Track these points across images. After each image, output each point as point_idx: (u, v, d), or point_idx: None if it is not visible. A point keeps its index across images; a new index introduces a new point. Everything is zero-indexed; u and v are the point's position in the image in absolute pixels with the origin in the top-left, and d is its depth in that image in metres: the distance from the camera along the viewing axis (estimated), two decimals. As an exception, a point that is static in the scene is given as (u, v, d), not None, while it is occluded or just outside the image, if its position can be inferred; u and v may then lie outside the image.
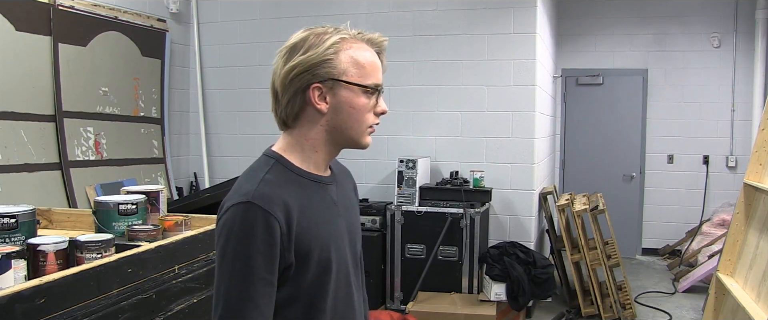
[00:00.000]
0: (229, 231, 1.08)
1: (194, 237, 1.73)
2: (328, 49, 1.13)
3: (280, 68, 1.15)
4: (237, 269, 1.06)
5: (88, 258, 1.52)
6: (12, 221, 1.57)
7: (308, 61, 1.13)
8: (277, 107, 1.19)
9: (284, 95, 1.16)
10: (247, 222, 1.07)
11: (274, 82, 1.17)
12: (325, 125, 1.18)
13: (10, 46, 3.70)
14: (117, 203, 1.79)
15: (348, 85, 1.15)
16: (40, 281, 1.23)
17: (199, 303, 1.72)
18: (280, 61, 1.15)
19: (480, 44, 4.69)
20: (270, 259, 1.08)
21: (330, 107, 1.16)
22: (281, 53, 1.16)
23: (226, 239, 1.08)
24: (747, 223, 3.60)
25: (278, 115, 1.19)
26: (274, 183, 1.13)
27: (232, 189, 1.15)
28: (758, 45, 5.95)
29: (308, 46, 1.14)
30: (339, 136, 1.20)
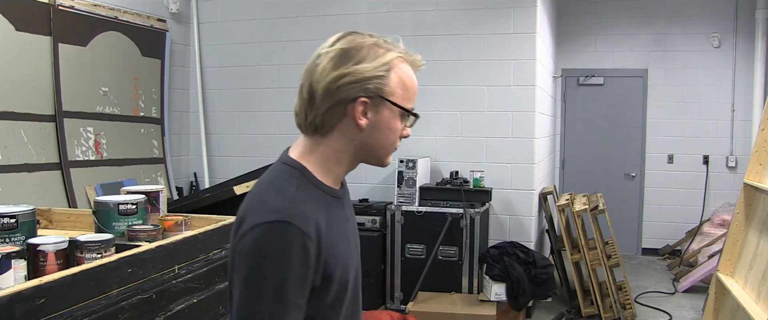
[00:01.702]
0: (261, 252, 0.98)
1: (194, 237, 1.73)
2: (383, 65, 1.08)
3: (326, 72, 1.06)
4: (268, 293, 0.98)
5: (88, 258, 1.52)
6: (12, 221, 1.57)
7: (361, 73, 1.06)
8: (308, 110, 1.09)
9: (325, 101, 1.07)
10: (282, 243, 0.98)
11: (314, 84, 1.07)
12: (357, 140, 1.11)
13: (10, 46, 3.70)
14: (117, 203, 1.79)
15: (393, 105, 1.10)
16: (40, 281, 1.23)
17: (199, 303, 1.72)
18: (327, 63, 1.06)
19: (480, 44, 4.69)
20: (303, 283, 1.00)
21: (369, 124, 1.09)
22: (329, 56, 1.07)
23: (256, 260, 0.98)
24: (747, 223, 3.60)
25: (309, 120, 1.10)
26: (303, 199, 1.05)
27: (252, 201, 1.06)
28: (758, 45, 5.95)
29: (362, 56, 1.07)
30: (366, 153, 1.14)
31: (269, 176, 1.11)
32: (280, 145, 4.82)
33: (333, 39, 1.11)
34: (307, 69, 1.10)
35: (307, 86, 1.08)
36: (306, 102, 1.09)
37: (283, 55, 5.19)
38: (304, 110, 1.10)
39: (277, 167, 1.13)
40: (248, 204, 1.05)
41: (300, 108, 1.10)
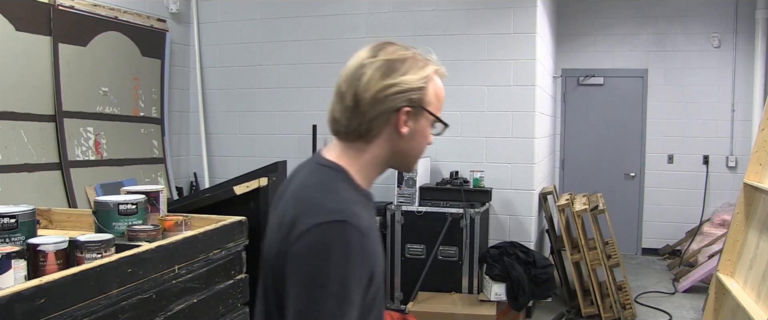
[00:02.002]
0: (323, 252, 0.99)
1: (194, 237, 1.73)
2: (424, 77, 1.14)
3: (374, 81, 1.10)
4: (331, 293, 0.99)
5: (88, 258, 1.52)
6: (12, 221, 1.57)
7: (407, 84, 1.11)
8: (352, 117, 1.12)
9: (373, 109, 1.10)
10: (343, 242, 1.00)
11: (360, 92, 1.11)
12: (394, 147, 1.16)
13: (10, 46, 3.70)
14: (117, 203, 1.79)
15: (429, 115, 1.16)
16: (40, 281, 1.23)
17: (199, 303, 1.72)
18: (374, 73, 1.11)
19: (480, 44, 4.69)
20: (361, 282, 1.02)
21: (409, 132, 1.14)
22: (374, 66, 1.12)
23: (317, 260, 0.99)
24: (747, 223, 3.60)
25: (353, 126, 1.12)
26: (353, 201, 1.08)
27: (303, 204, 1.07)
28: (758, 45, 5.95)
29: (408, 67, 1.13)
30: (399, 160, 1.19)
31: (314, 179, 1.13)
32: (280, 145, 4.86)
33: (372, 49, 1.16)
34: (347, 77, 1.13)
35: (352, 94, 1.11)
36: (350, 109, 1.12)
37: (283, 55, 5.19)
38: (348, 117, 1.12)
39: (318, 170, 1.15)
40: (299, 207, 1.06)
41: (342, 115, 1.13)
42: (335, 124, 1.15)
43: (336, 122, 1.15)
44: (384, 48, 1.15)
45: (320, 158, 1.18)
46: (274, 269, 1.07)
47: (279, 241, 1.06)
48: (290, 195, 1.12)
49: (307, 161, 1.23)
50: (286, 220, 1.06)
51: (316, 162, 1.18)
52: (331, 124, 1.17)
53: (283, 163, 2.21)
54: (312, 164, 1.19)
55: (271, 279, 1.10)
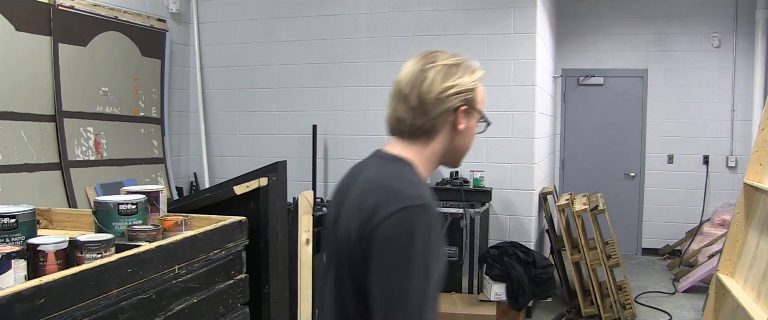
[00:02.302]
0: (406, 234, 1.10)
1: (194, 237, 1.73)
2: (476, 80, 1.28)
3: (437, 83, 1.22)
4: (418, 269, 1.09)
5: (88, 258, 1.52)
6: (12, 221, 1.57)
7: (464, 86, 1.24)
8: (417, 116, 1.24)
9: (436, 108, 1.23)
10: (425, 224, 1.12)
11: (424, 93, 1.23)
12: (450, 143, 1.29)
13: (10, 46, 3.70)
14: (117, 203, 1.79)
15: (478, 114, 1.30)
16: (40, 281, 1.23)
17: (199, 303, 1.72)
18: (436, 76, 1.23)
19: (480, 44, 4.69)
20: (439, 260, 1.15)
21: (463, 129, 1.27)
22: (435, 70, 1.23)
23: (407, 239, 1.10)
24: (747, 223, 3.60)
25: (418, 124, 1.25)
26: (426, 189, 1.20)
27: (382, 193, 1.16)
28: (758, 45, 5.95)
29: (464, 71, 1.26)
30: (451, 155, 1.33)
31: (388, 171, 1.24)
32: (280, 145, 4.86)
33: (427, 56, 1.27)
34: (409, 81, 1.25)
35: (416, 95, 1.23)
36: (415, 109, 1.24)
37: (283, 55, 5.19)
38: (414, 116, 1.25)
39: (389, 163, 1.27)
40: (380, 195, 1.16)
41: (407, 114, 1.25)
42: (400, 123, 1.27)
43: (400, 122, 1.27)
44: (438, 55, 1.27)
45: (386, 154, 1.30)
46: (353, 253, 1.16)
47: (359, 227, 1.15)
48: (365, 186, 1.22)
49: (371, 157, 1.33)
50: (366, 207, 1.15)
51: (382, 157, 1.30)
52: (394, 124, 1.29)
53: (283, 163, 2.21)
54: (379, 159, 1.30)
55: (347, 263, 1.19)
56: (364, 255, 1.14)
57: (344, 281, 1.21)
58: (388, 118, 1.31)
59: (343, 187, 1.33)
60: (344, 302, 1.22)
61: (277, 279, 2.16)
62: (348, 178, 1.34)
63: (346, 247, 1.19)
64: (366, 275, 1.14)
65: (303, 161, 5.01)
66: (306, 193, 2.51)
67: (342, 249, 1.21)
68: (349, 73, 5.01)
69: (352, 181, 1.30)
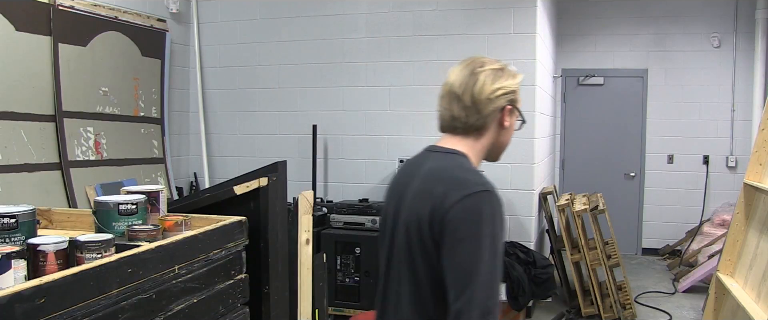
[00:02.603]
0: (483, 215, 1.26)
1: (194, 237, 1.73)
2: (517, 83, 1.43)
3: (487, 85, 1.38)
4: (487, 248, 1.25)
5: (88, 258, 1.52)
6: (12, 221, 1.57)
7: (510, 88, 1.40)
8: (470, 114, 1.39)
9: (487, 107, 1.39)
10: (492, 207, 1.28)
11: (476, 94, 1.38)
12: (495, 139, 1.44)
13: (10, 46, 3.70)
14: (117, 203, 1.79)
15: (518, 113, 1.46)
16: (40, 281, 1.23)
17: (199, 303, 1.72)
18: (486, 79, 1.38)
19: (480, 44, 4.69)
20: (503, 239, 1.30)
21: (508, 126, 1.43)
22: (485, 73, 1.39)
23: (480, 221, 1.26)
24: (747, 223, 3.60)
25: (471, 122, 1.40)
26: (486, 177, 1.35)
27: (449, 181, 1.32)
28: (758, 45, 5.95)
29: (509, 75, 1.42)
30: (495, 149, 1.47)
31: (449, 163, 1.39)
32: (280, 145, 4.85)
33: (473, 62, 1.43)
34: (461, 83, 1.40)
35: (469, 96, 1.39)
36: (468, 108, 1.39)
37: (283, 55, 5.19)
38: (467, 114, 1.39)
39: (448, 156, 1.41)
40: (447, 183, 1.31)
41: (461, 112, 1.40)
42: (455, 121, 1.41)
43: (455, 119, 1.41)
44: (485, 60, 1.43)
45: (442, 148, 1.44)
46: (426, 237, 1.31)
47: (430, 213, 1.30)
48: (430, 176, 1.37)
49: (425, 152, 1.48)
50: (435, 195, 1.30)
51: (440, 151, 1.44)
52: (449, 121, 1.43)
53: (283, 163, 2.20)
54: (436, 153, 1.44)
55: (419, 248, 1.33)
56: (436, 239, 1.29)
57: (417, 265, 1.34)
58: (442, 116, 1.44)
59: (401, 181, 1.47)
60: (418, 286, 1.34)
61: (277, 279, 2.16)
62: (405, 172, 1.48)
63: (417, 233, 1.32)
64: (439, 257, 1.29)
65: (303, 161, 5.01)
66: (306, 193, 2.51)
67: (412, 236, 1.34)
68: (349, 73, 5.01)
69: (411, 174, 1.43)
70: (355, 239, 4.46)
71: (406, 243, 1.36)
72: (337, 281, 4.48)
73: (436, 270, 1.30)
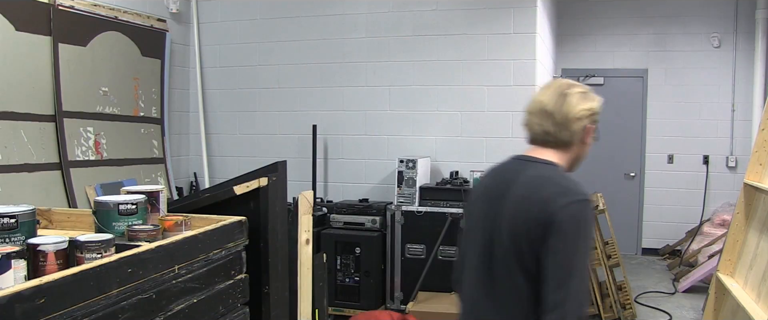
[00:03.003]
0: (585, 220, 1.48)
1: (194, 237, 1.73)
2: (598, 105, 1.62)
3: (576, 105, 1.57)
4: (581, 251, 1.47)
5: (88, 258, 1.52)
6: (12, 221, 1.57)
7: (594, 110, 1.61)
8: (562, 130, 1.58)
9: (575, 124, 1.58)
10: (589, 215, 1.50)
11: (567, 113, 1.57)
12: (577, 153, 1.64)
13: (10, 46, 3.70)
14: (117, 203, 1.79)
15: (595, 132, 1.63)
16: (40, 281, 1.23)
17: (199, 303, 1.72)
18: (574, 100, 1.58)
19: (480, 44, 4.69)
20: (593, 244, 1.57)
21: (588, 142, 1.64)
22: (574, 95, 1.58)
23: (578, 226, 1.46)
24: (747, 223, 3.60)
25: (560, 137, 1.59)
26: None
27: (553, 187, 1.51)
28: (758, 45, 5.95)
29: (591, 97, 1.61)
30: (575, 162, 1.67)
31: (548, 172, 1.57)
32: (280, 145, 4.85)
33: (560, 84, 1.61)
34: (552, 102, 1.58)
35: (561, 113, 1.57)
36: (560, 124, 1.58)
37: (283, 55, 5.20)
38: (559, 130, 1.58)
39: (546, 166, 1.59)
40: (550, 190, 1.50)
41: (552, 128, 1.58)
42: (547, 135, 1.60)
43: (547, 134, 1.60)
44: (570, 83, 1.63)
45: (536, 158, 1.62)
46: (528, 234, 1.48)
47: (537, 214, 1.47)
48: (534, 182, 1.54)
49: (518, 161, 1.65)
50: (541, 198, 1.49)
51: (534, 160, 1.61)
52: (541, 135, 1.61)
53: (283, 163, 2.20)
54: (531, 162, 1.61)
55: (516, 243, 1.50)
56: (539, 237, 1.47)
57: (525, 263, 1.50)
58: (535, 131, 1.63)
59: (496, 185, 1.65)
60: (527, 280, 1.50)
61: (277, 279, 2.15)
62: (499, 178, 1.67)
63: (525, 234, 1.49)
64: (540, 252, 1.47)
65: (303, 161, 5.01)
66: (306, 193, 2.51)
67: (520, 237, 1.50)
68: (349, 73, 5.01)
69: (508, 180, 1.61)
70: (355, 239, 4.46)
71: (513, 243, 1.52)
72: (337, 281, 4.48)
73: (533, 264, 1.49)
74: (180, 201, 2.30)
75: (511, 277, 1.53)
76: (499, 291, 1.57)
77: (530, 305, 1.50)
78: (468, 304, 1.69)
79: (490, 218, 1.59)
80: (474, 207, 1.70)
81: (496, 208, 1.58)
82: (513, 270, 1.52)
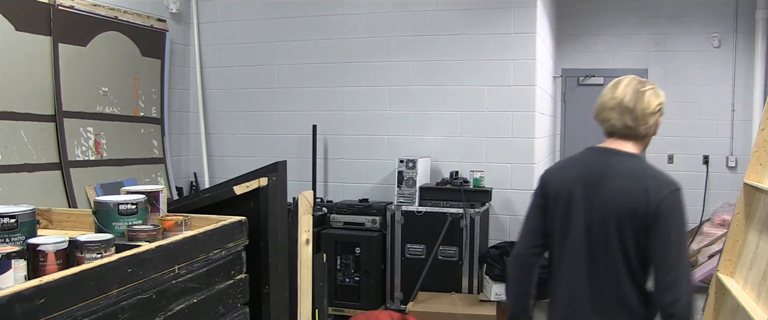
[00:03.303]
0: (683, 207, 1.76)
1: (194, 237, 1.73)
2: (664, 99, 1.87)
3: (652, 101, 1.81)
4: (683, 232, 1.75)
5: (88, 258, 1.52)
6: (12, 221, 1.57)
7: (663, 104, 1.86)
8: (640, 124, 1.82)
9: (651, 118, 1.83)
10: (684, 201, 1.76)
11: (645, 108, 1.80)
12: (647, 143, 1.91)
13: (10, 46, 3.70)
14: (117, 203, 1.79)
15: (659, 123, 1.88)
16: (40, 281, 1.23)
17: (199, 303, 1.72)
18: (650, 96, 1.82)
19: (480, 44, 4.69)
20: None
21: (656, 133, 1.90)
22: (648, 92, 1.82)
23: (681, 210, 1.75)
24: (747, 223, 3.60)
25: (640, 130, 1.83)
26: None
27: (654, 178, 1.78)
28: (758, 45, 5.95)
29: (660, 93, 1.86)
30: (644, 151, 1.91)
31: (640, 164, 1.84)
32: (280, 145, 4.86)
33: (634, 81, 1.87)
34: (631, 99, 1.81)
35: (640, 109, 1.81)
36: (638, 119, 1.81)
37: (283, 55, 5.20)
38: (638, 124, 1.82)
39: (633, 158, 1.85)
40: (650, 181, 1.76)
41: (633, 123, 1.82)
42: (627, 129, 1.83)
43: (627, 128, 1.82)
44: (643, 80, 1.87)
45: (621, 151, 1.85)
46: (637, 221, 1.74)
47: (645, 203, 1.73)
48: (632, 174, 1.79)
49: (602, 153, 1.88)
50: (642, 190, 1.74)
51: (619, 153, 1.85)
52: (622, 129, 1.83)
53: (283, 163, 2.20)
54: (616, 154, 1.85)
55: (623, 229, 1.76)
56: (644, 225, 1.73)
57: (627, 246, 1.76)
58: (615, 125, 1.84)
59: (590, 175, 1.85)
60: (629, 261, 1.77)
61: (277, 279, 2.16)
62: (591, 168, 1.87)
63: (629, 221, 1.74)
64: (649, 238, 1.73)
65: (303, 161, 5.01)
66: (306, 193, 2.51)
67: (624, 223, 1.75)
68: (349, 73, 5.02)
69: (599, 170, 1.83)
70: (355, 239, 4.46)
71: (616, 229, 1.76)
72: (337, 281, 4.48)
73: (644, 249, 1.75)
74: (180, 201, 2.30)
75: (611, 258, 1.78)
76: (600, 275, 1.81)
77: (628, 287, 1.78)
78: (565, 290, 1.91)
79: (588, 206, 1.81)
80: (562, 197, 1.87)
81: (594, 197, 1.81)
82: (613, 252, 1.77)
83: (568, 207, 1.84)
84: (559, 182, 1.91)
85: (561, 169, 2.01)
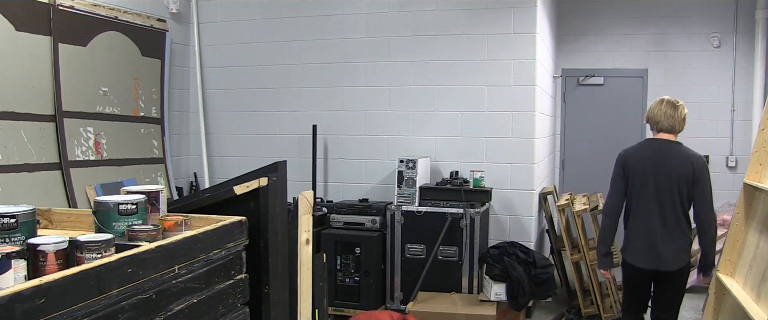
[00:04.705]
0: (708, 171, 3.08)
1: (194, 237, 1.72)
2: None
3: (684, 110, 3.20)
4: (711, 187, 3.09)
5: (88, 258, 1.52)
6: (12, 221, 1.57)
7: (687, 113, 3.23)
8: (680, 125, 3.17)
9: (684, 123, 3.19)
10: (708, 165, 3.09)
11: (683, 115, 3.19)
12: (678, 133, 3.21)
13: (10, 46, 3.70)
14: (117, 203, 1.79)
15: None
16: (40, 281, 1.23)
17: (199, 303, 1.72)
18: (683, 108, 3.20)
19: (480, 44, 4.69)
20: None
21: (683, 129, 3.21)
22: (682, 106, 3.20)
23: (708, 174, 3.08)
24: (747, 223, 3.60)
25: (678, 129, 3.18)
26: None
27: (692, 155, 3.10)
28: (758, 45, 5.95)
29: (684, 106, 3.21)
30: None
31: (683, 148, 3.14)
32: (280, 145, 4.87)
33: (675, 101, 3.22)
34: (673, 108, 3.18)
35: (680, 115, 3.16)
36: (679, 122, 3.15)
37: (283, 55, 5.20)
38: (679, 125, 3.16)
39: (680, 144, 3.15)
40: (691, 156, 3.10)
41: (675, 124, 3.15)
42: (672, 128, 3.14)
43: (673, 127, 3.14)
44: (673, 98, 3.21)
45: (672, 140, 3.15)
46: (687, 182, 3.05)
47: (692, 170, 3.04)
48: (684, 151, 3.12)
49: (660, 142, 3.15)
50: (688, 161, 3.07)
51: (671, 142, 3.14)
52: (668, 128, 3.15)
53: (283, 163, 2.20)
54: (669, 143, 3.14)
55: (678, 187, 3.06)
56: (692, 181, 3.04)
57: (681, 198, 3.05)
58: (665, 124, 3.14)
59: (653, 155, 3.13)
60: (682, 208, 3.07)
61: (277, 279, 2.16)
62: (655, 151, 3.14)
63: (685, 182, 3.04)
64: (692, 190, 3.05)
65: (303, 161, 5.01)
66: (306, 193, 2.51)
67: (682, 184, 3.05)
68: (349, 73, 5.02)
69: (661, 151, 3.12)
70: (355, 239, 4.46)
71: (677, 187, 3.04)
72: (337, 281, 4.48)
73: (690, 198, 3.07)
74: (180, 201, 2.30)
75: (674, 206, 3.05)
76: (667, 215, 3.05)
77: (683, 222, 3.07)
78: (645, 225, 3.09)
79: (656, 173, 3.06)
80: (639, 169, 3.10)
81: (660, 169, 3.06)
82: (675, 202, 3.04)
83: (644, 175, 3.08)
84: (635, 160, 3.13)
85: (635, 152, 3.17)
